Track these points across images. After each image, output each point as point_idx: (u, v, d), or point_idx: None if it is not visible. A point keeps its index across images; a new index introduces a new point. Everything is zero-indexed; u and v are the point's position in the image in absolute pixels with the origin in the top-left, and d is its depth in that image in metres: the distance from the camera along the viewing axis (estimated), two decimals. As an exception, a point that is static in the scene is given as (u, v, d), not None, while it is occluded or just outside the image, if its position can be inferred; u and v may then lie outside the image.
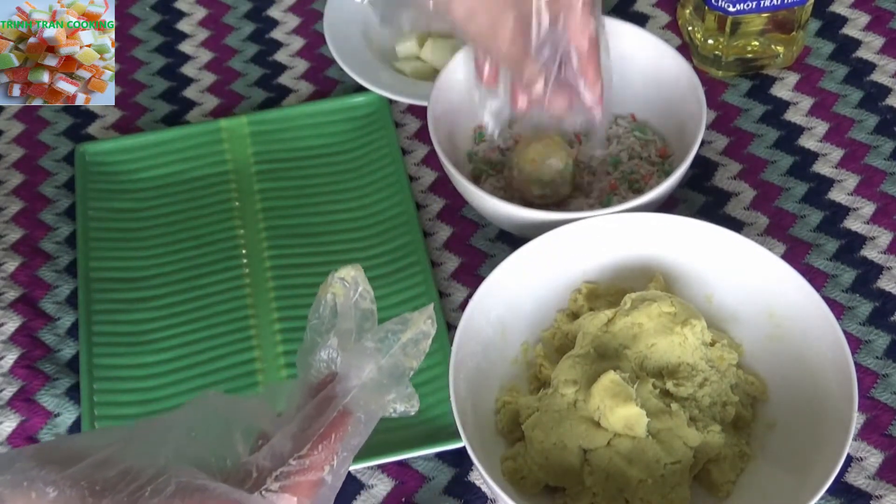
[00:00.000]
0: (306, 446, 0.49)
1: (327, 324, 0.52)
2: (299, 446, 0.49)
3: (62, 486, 0.46)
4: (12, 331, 0.79)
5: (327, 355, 0.52)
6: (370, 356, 0.51)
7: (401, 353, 0.51)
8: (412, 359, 0.51)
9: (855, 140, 0.87)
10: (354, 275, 0.53)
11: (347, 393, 0.50)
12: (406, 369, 0.51)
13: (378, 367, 0.51)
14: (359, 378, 0.51)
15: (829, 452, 0.64)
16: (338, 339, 0.52)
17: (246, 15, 0.99)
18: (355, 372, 0.51)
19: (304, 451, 0.49)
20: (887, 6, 0.95)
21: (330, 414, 0.50)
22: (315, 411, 0.50)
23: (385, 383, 0.51)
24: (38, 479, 0.46)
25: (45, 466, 0.47)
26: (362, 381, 0.51)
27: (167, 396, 0.75)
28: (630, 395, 0.64)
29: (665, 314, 0.69)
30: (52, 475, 0.46)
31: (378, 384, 0.51)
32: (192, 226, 0.84)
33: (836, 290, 0.79)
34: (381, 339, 0.51)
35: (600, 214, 0.73)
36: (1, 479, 0.46)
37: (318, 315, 0.53)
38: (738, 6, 0.85)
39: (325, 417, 0.50)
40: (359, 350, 0.51)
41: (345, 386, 0.51)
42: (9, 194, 0.87)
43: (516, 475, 0.67)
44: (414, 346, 0.51)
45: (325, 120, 0.89)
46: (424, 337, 0.52)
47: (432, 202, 0.85)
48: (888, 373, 0.75)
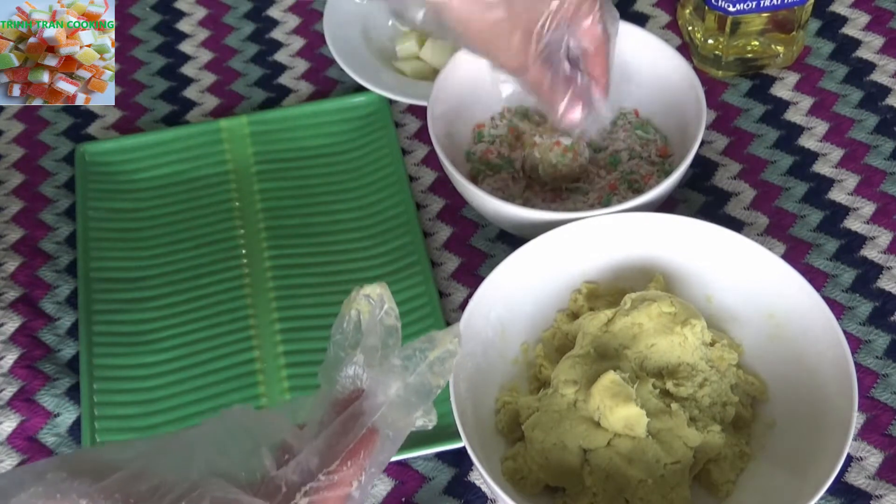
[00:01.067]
0: (335, 462, 0.49)
1: (351, 339, 0.53)
2: (328, 462, 0.49)
3: (96, 498, 0.46)
4: (12, 331, 0.79)
5: (353, 371, 0.52)
6: (397, 374, 0.51)
7: (427, 372, 0.51)
8: (439, 377, 0.52)
9: (855, 140, 0.87)
10: (380, 292, 0.53)
11: (375, 410, 0.51)
12: (433, 387, 0.51)
13: (405, 385, 0.51)
14: (386, 395, 0.51)
15: (829, 452, 0.64)
16: (363, 355, 0.52)
17: (246, 15, 0.99)
18: (382, 389, 0.51)
19: (333, 466, 0.49)
20: (887, 6, 0.95)
21: (358, 431, 0.50)
22: (342, 428, 0.50)
23: (412, 401, 0.51)
24: (72, 491, 0.46)
25: (77, 478, 0.46)
26: (389, 398, 0.51)
27: (167, 396, 0.75)
28: (630, 395, 0.64)
29: (665, 314, 0.69)
30: (86, 487, 0.46)
31: (405, 402, 0.51)
32: (192, 226, 0.84)
33: (836, 290, 0.79)
34: (407, 357, 0.51)
35: (600, 214, 0.73)
36: (33, 491, 0.46)
37: (342, 330, 0.53)
38: (738, 6, 0.85)
39: (354, 434, 0.50)
40: (386, 367, 0.51)
41: (372, 403, 0.51)
42: (9, 194, 0.87)
43: (516, 475, 0.67)
44: (440, 365, 0.52)
45: (325, 120, 0.89)
46: (450, 356, 0.52)
47: (432, 202, 0.85)
48: (888, 373, 0.75)
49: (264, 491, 0.48)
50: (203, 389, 0.76)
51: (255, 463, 0.49)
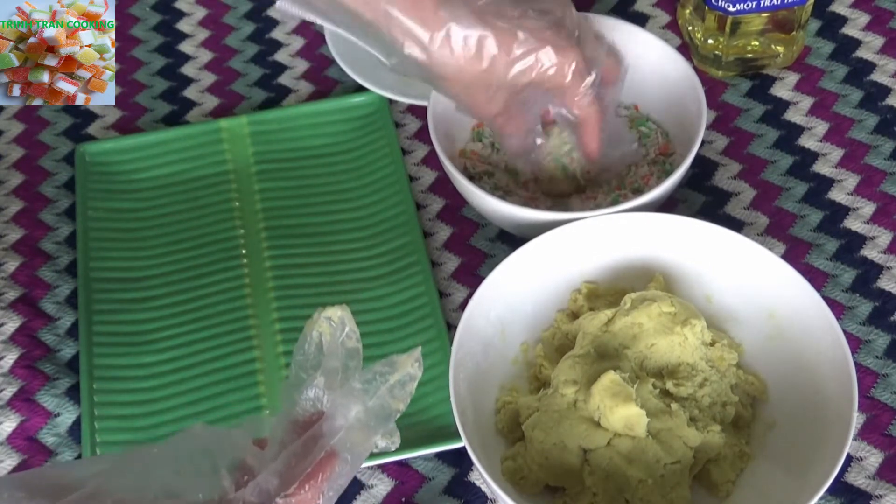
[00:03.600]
0: (293, 485, 0.49)
1: (312, 361, 0.53)
2: (286, 484, 0.49)
3: None
4: (12, 331, 0.79)
5: (314, 394, 0.52)
6: (357, 397, 0.52)
7: (388, 395, 0.52)
8: (399, 401, 0.52)
9: (855, 140, 0.87)
10: (341, 315, 0.53)
11: (335, 433, 0.51)
12: (392, 411, 0.52)
13: (365, 409, 0.52)
14: (345, 419, 0.51)
15: (829, 452, 0.64)
16: (324, 378, 0.52)
17: (246, 15, 0.99)
18: (342, 412, 0.51)
19: (291, 489, 0.49)
20: (887, 6, 0.95)
21: (317, 453, 0.50)
22: (302, 450, 0.50)
23: (372, 425, 0.52)
24: None
25: (35, 497, 0.46)
26: (349, 421, 0.51)
27: (167, 396, 0.75)
28: (630, 395, 0.64)
29: (665, 314, 0.69)
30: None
31: (365, 425, 0.52)
32: (192, 226, 0.84)
33: (836, 290, 0.79)
34: (368, 381, 0.52)
35: (600, 214, 0.73)
36: None
37: (304, 351, 0.53)
38: (738, 6, 0.85)
39: (313, 457, 0.50)
40: (346, 391, 0.52)
41: (332, 426, 0.51)
42: (9, 194, 0.87)
43: (516, 475, 0.67)
44: (401, 389, 0.52)
45: (325, 120, 0.89)
46: (411, 379, 0.52)
47: (432, 202, 0.85)
48: (888, 373, 0.75)
49: None
50: (203, 389, 0.76)
51: (213, 483, 0.49)
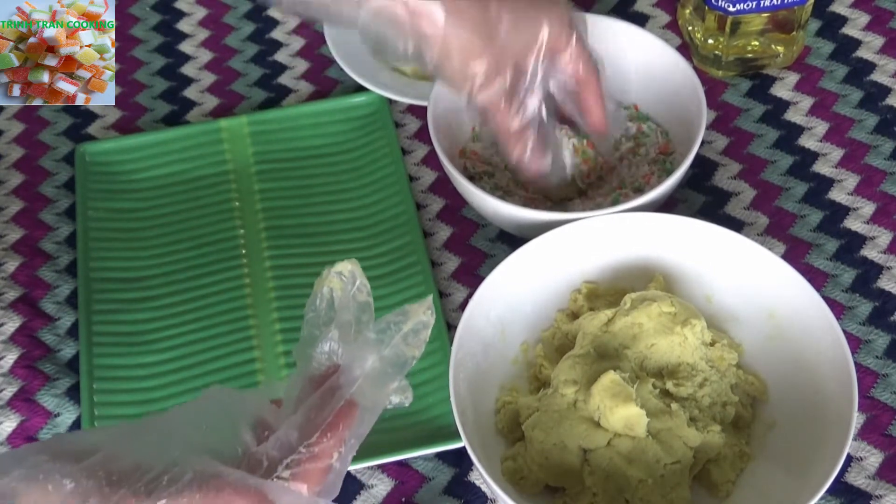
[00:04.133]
0: (315, 435, 0.50)
1: (324, 317, 0.53)
2: (307, 435, 0.50)
3: (79, 477, 0.46)
4: (12, 331, 0.79)
5: (329, 347, 0.53)
6: (372, 347, 0.52)
7: (402, 343, 0.52)
8: (413, 348, 0.52)
9: (855, 140, 0.87)
10: (352, 269, 0.54)
11: (352, 383, 0.51)
12: (408, 358, 0.52)
13: (380, 358, 0.52)
14: (362, 368, 0.52)
15: (829, 452, 0.64)
16: (338, 331, 0.53)
17: (246, 15, 0.99)
18: (358, 363, 0.52)
19: (314, 439, 0.50)
20: (887, 6, 0.95)
21: (336, 403, 0.51)
22: (320, 401, 0.51)
23: (388, 372, 0.52)
24: (55, 472, 0.46)
25: (58, 460, 0.47)
26: (365, 371, 0.52)
27: (167, 396, 0.75)
28: (630, 395, 0.64)
29: (665, 314, 0.69)
30: (68, 467, 0.47)
31: (381, 374, 0.52)
32: (192, 226, 0.84)
33: (836, 290, 0.79)
34: (381, 331, 0.52)
35: (600, 214, 0.73)
36: (16, 474, 0.46)
37: (315, 308, 0.54)
38: (739, 6, 0.85)
39: (332, 407, 0.51)
40: (361, 341, 0.52)
41: (349, 376, 0.51)
42: (9, 194, 0.87)
43: (516, 475, 0.67)
44: (415, 336, 0.52)
45: (325, 120, 0.89)
46: (424, 327, 0.52)
47: (432, 202, 0.85)
48: (888, 373, 0.75)
49: (246, 466, 0.49)
50: (203, 389, 0.75)
51: (234, 440, 0.50)
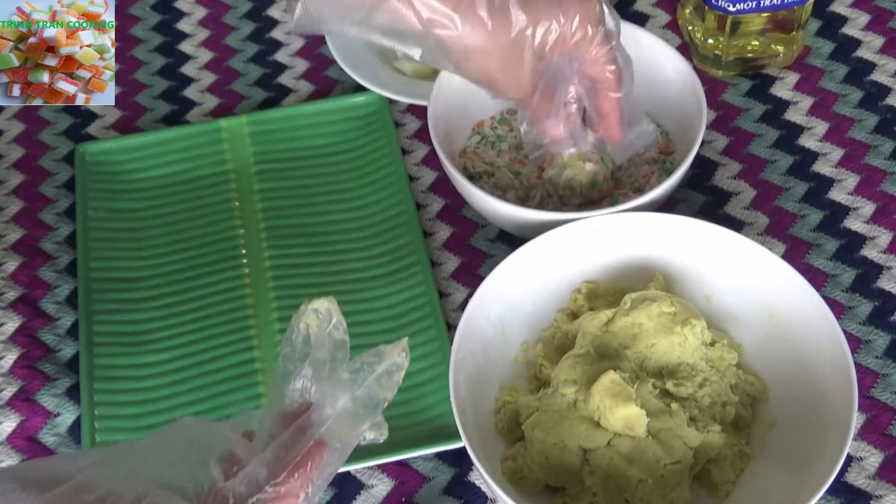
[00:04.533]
0: (282, 474, 0.50)
1: (300, 353, 0.53)
2: (275, 473, 0.50)
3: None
4: (12, 331, 0.79)
5: (301, 385, 0.52)
6: (345, 387, 0.52)
7: (375, 385, 0.52)
8: (386, 390, 0.52)
9: (855, 140, 0.87)
10: (328, 306, 0.54)
11: (323, 423, 0.51)
12: (380, 400, 0.52)
13: (353, 398, 0.52)
14: (334, 408, 0.52)
15: (829, 452, 0.64)
16: (312, 368, 0.52)
17: (246, 15, 0.99)
18: (330, 402, 0.52)
19: (281, 478, 0.50)
20: (887, 6, 0.95)
21: (305, 443, 0.51)
22: (290, 440, 0.51)
23: (360, 413, 0.52)
24: (19, 501, 0.46)
25: (26, 488, 0.47)
26: (337, 411, 0.52)
27: (167, 396, 0.75)
28: (630, 395, 0.64)
29: (665, 314, 0.69)
30: (34, 498, 0.46)
31: (353, 414, 0.52)
32: (192, 226, 0.84)
33: (836, 290, 0.79)
34: (355, 371, 0.52)
35: (600, 214, 0.73)
36: None
37: (291, 344, 0.54)
38: (739, 6, 0.85)
39: (301, 446, 0.51)
40: (334, 380, 0.52)
41: (320, 415, 0.51)
42: (9, 194, 0.87)
43: (516, 475, 0.67)
44: (388, 378, 0.52)
45: (325, 120, 0.89)
46: (398, 369, 0.52)
47: (432, 202, 0.85)
48: (888, 373, 0.75)
49: (213, 502, 0.49)
50: (203, 389, 0.76)
51: (202, 475, 0.50)
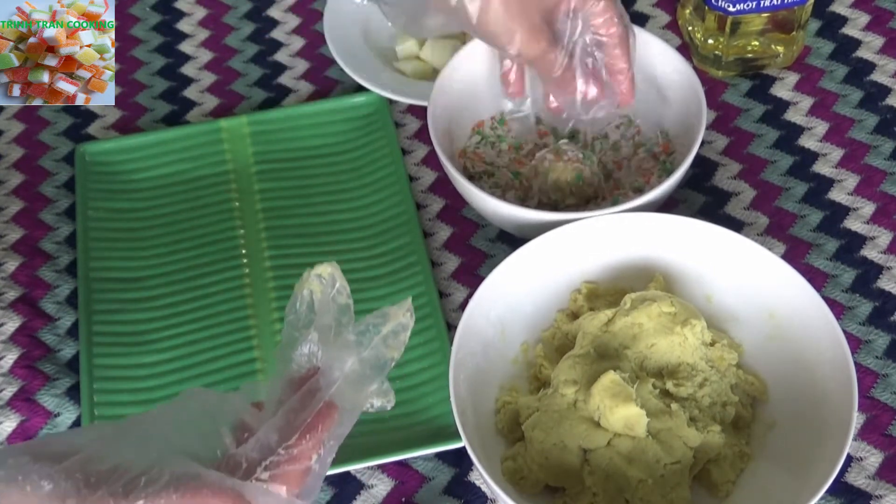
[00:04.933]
0: (294, 436, 0.50)
1: (304, 320, 0.54)
2: (286, 437, 0.50)
3: (57, 478, 0.47)
4: (12, 331, 0.79)
5: (308, 349, 0.53)
6: (352, 349, 0.52)
7: (382, 345, 0.52)
8: (393, 350, 0.53)
9: (855, 140, 0.87)
10: (331, 271, 0.54)
11: (332, 385, 0.52)
12: (387, 360, 0.53)
13: (360, 359, 0.52)
14: (341, 370, 0.52)
15: (829, 452, 0.64)
16: (318, 333, 0.53)
17: (246, 15, 0.99)
18: (338, 364, 0.52)
19: (292, 440, 0.50)
20: (887, 6, 0.95)
21: (315, 405, 0.51)
22: (300, 404, 0.51)
23: (368, 374, 0.52)
24: (33, 473, 0.47)
25: (38, 461, 0.47)
26: (345, 372, 0.52)
27: (167, 396, 0.75)
28: (630, 395, 0.64)
29: (665, 314, 0.69)
30: (47, 468, 0.47)
31: (361, 376, 0.52)
32: (192, 226, 0.84)
33: (836, 290, 0.79)
34: (361, 333, 0.53)
35: (600, 214, 0.73)
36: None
37: (295, 311, 0.54)
38: (739, 6, 0.85)
39: (311, 409, 0.51)
40: (340, 343, 0.52)
41: (328, 378, 0.52)
42: (9, 194, 0.87)
43: (516, 475, 0.67)
44: (394, 338, 0.53)
45: (325, 120, 0.89)
46: (403, 329, 0.53)
47: (432, 202, 0.85)
48: (888, 373, 0.75)
49: (225, 467, 0.49)
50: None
51: (214, 441, 0.50)
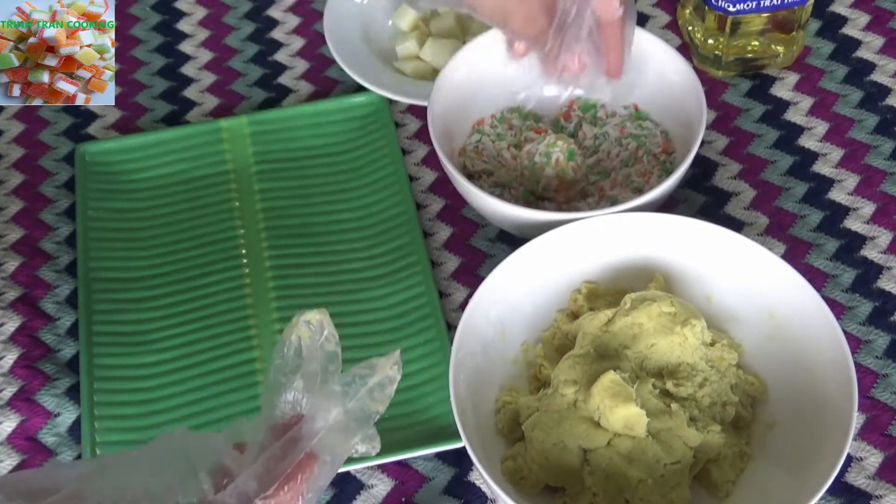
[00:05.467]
0: (272, 487, 0.50)
1: (291, 364, 0.53)
2: (265, 486, 0.50)
3: None
4: (12, 331, 0.79)
5: (293, 397, 0.52)
6: (337, 399, 0.52)
7: (367, 397, 0.52)
8: (378, 403, 0.52)
9: (855, 140, 0.87)
10: (320, 318, 0.53)
11: (314, 435, 0.51)
12: (372, 413, 0.52)
13: (345, 411, 0.52)
14: (325, 420, 0.51)
15: (829, 452, 0.64)
16: (303, 381, 0.52)
17: (246, 15, 0.99)
18: (322, 414, 0.52)
19: (271, 491, 0.50)
20: (887, 6, 0.95)
21: (296, 455, 0.51)
22: (281, 452, 0.51)
23: (352, 426, 0.52)
24: None
25: (13, 500, 0.47)
26: (329, 423, 0.51)
27: (167, 396, 0.75)
28: (630, 395, 0.64)
29: (665, 314, 0.69)
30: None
31: (344, 427, 0.52)
32: (192, 226, 0.84)
33: (836, 290, 0.79)
34: (347, 383, 0.52)
35: (600, 214, 0.73)
36: None
37: (283, 356, 0.53)
38: (739, 6, 0.85)
39: (292, 459, 0.50)
40: (326, 393, 0.52)
41: (311, 428, 0.51)
42: (9, 194, 0.87)
43: (516, 475, 0.67)
44: (380, 391, 0.52)
45: (325, 120, 0.89)
46: (390, 382, 0.52)
47: (432, 202, 0.85)
48: (888, 373, 0.75)
49: None
50: (203, 389, 0.76)
51: (192, 486, 0.50)
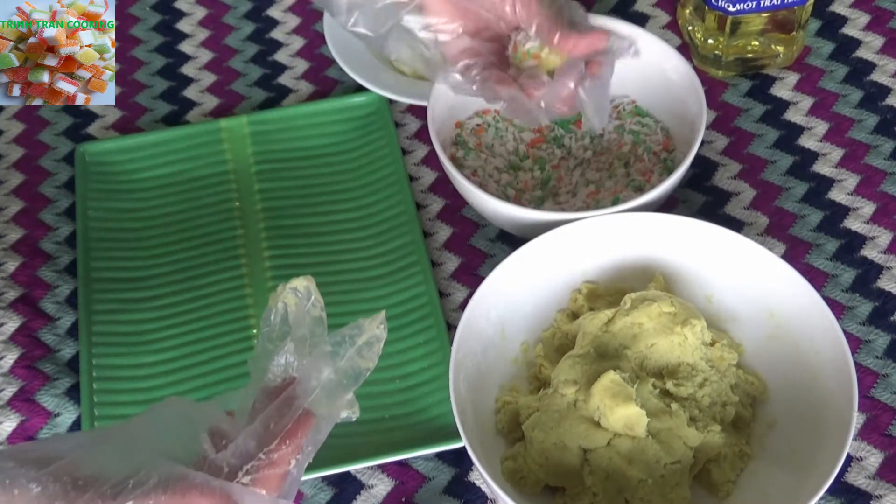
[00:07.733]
0: (274, 442, 0.52)
1: (279, 331, 0.55)
2: (266, 442, 0.52)
3: (45, 481, 0.48)
4: (12, 331, 0.79)
5: (285, 360, 0.54)
6: (328, 359, 0.54)
7: (356, 356, 0.54)
8: (367, 360, 0.54)
9: (855, 140, 0.87)
10: (307, 285, 0.56)
11: (309, 393, 0.53)
12: (362, 370, 0.54)
13: (336, 369, 0.54)
14: (318, 379, 0.54)
15: (829, 452, 0.64)
16: (294, 344, 0.54)
17: (246, 15, 0.99)
18: (315, 374, 0.54)
19: (272, 446, 0.52)
20: (887, 6, 0.95)
21: (294, 413, 0.53)
22: (277, 412, 0.53)
23: (344, 384, 0.54)
24: (21, 476, 0.47)
25: (25, 465, 0.48)
26: (322, 382, 0.54)
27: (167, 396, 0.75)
28: (630, 395, 0.64)
29: (665, 314, 0.69)
30: (34, 472, 0.48)
31: (337, 385, 0.54)
32: (192, 226, 0.84)
33: (836, 290, 0.79)
34: (337, 343, 0.54)
35: (600, 214, 0.73)
36: None
37: (269, 323, 0.56)
38: (739, 6, 0.85)
39: (290, 416, 0.52)
40: (317, 354, 0.54)
41: (306, 387, 0.53)
42: (9, 194, 0.87)
43: (516, 475, 0.67)
44: (368, 349, 0.55)
45: (325, 120, 0.89)
46: (377, 340, 0.55)
47: (432, 202, 0.85)
48: (888, 373, 0.75)
49: (206, 472, 0.51)
50: (203, 389, 0.76)
51: (194, 446, 0.52)
